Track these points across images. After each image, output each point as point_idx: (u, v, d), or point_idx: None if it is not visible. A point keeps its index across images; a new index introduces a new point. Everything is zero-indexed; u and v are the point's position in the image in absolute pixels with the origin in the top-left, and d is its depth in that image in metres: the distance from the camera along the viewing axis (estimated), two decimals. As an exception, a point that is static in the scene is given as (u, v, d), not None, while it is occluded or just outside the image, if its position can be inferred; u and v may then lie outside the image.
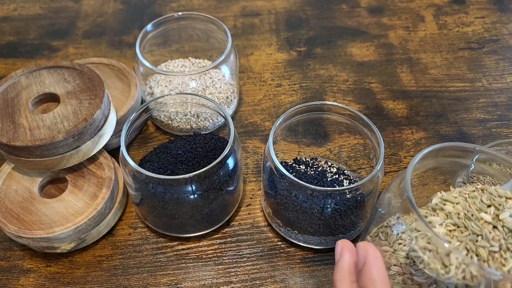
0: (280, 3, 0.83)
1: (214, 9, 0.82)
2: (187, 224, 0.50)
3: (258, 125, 0.64)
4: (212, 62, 0.59)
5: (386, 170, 0.59)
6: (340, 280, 0.33)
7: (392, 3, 0.83)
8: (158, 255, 0.52)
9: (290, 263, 0.50)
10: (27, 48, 0.76)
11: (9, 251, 0.52)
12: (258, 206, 0.56)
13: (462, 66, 0.72)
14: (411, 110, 0.65)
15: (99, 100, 0.51)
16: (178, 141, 0.56)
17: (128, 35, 0.78)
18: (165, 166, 0.53)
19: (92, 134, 0.51)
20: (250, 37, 0.77)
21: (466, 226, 0.34)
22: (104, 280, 0.50)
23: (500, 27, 0.78)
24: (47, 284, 0.50)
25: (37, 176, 0.53)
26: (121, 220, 0.54)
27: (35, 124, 0.50)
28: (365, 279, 0.32)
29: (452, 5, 0.82)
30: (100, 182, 0.52)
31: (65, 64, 0.55)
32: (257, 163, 0.60)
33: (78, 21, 0.81)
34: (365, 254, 0.32)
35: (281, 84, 0.69)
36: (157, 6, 0.83)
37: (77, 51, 0.75)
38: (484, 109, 0.65)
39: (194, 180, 0.46)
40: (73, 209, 0.50)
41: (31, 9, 0.83)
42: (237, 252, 0.52)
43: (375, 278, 0.31)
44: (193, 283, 0.49)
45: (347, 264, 0.33)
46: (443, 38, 0.76)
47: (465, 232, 0.34)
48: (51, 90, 0.53)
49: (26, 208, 0.50)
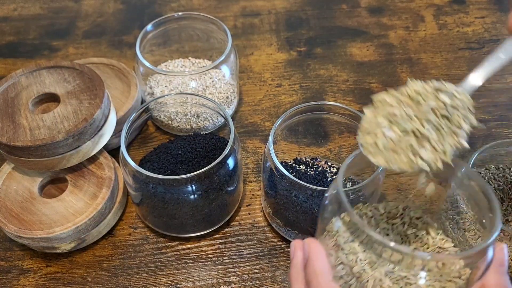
0: (280, 3, 0.83)
1: (214, 9, 0.82)
2: (187, 224, 0.50)
3: (258, 125, 0.64)
4: (212, 62, 0.59)
5: (387, 171, 0.58)
6: (295, 276, 0.35)
7: (392, 3, 0.83)
8: (158, 255, 0.52)
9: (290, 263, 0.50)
10: (27, 48, 0.76)
11: (9, 251, 0.52)
12: (258, 206, 0.56)
13: (462, 66, 0.72)
14: (411, 110, 0.65)
15: (99, 100, 0.51)
16: (178, 141, 0.56)
17: (128, 35, 0.78)
18: (165, 166, 0.53)
19: (92, 134, 0.51)
20: (250, 37, 0.77)
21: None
22: (104, 280, 0.50)
23: (500, 27, 0.78)
24: (47, 284, 0.49)
25: (37, 176, 0.53)
26: (121, 220, 0.54)
27: (35, 124, 0.50)
28: (309, 273, 0.34)
29: (452, 5, 0.82)
30: (100, 182, 0.52)
31: (65, 64, 0.55)
32: (257, 163, 0.60)
33: (78, 21, 0.81)
34: (309, 250, 0.34)
35: (281, 84, 0.69)
36: (157, 6, 0.83)
37: (77, 51, 0.75)
38: (485, 109, 0.65)
39: (194, 180, 0.46)
40: (73, 209, 0.50)
41: (31, 9, 0.83)
42: (237, 252, 0.51)
43: (316, 270, 0.33)
44: (193, 283, 0.49)
45: (300, 261, 0.35)
46: (443, 38, 0.76)
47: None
48: (51, 90, 0.53)
49: (26, 208, 0.50)
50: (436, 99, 0.34)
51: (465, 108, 0.35)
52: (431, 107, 0.33)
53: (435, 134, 0.33)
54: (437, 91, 0.34)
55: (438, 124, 0.33)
